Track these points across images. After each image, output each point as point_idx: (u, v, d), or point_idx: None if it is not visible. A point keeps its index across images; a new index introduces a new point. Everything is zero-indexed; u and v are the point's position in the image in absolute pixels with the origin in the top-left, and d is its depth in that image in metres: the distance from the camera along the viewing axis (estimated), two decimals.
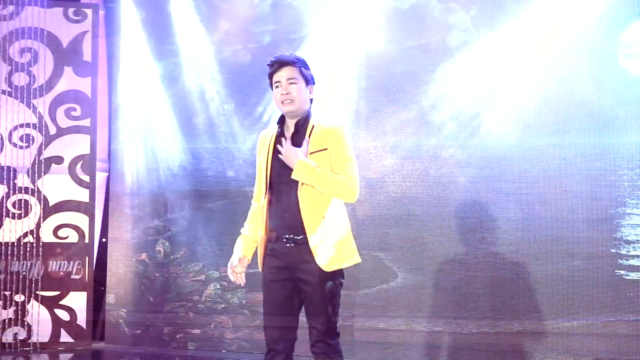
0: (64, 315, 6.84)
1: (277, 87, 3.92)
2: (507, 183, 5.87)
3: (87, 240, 6.90)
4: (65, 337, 6.83)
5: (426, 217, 6.07)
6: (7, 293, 6.74)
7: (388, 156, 6.22)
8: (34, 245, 6.80)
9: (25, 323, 6.75)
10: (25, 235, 6.81)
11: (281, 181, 3.90)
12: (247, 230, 4.13)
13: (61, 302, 6.83)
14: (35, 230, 6.83)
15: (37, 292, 6.78)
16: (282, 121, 3.99)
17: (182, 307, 6.84)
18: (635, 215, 5.54)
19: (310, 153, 3.84)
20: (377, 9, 6.26)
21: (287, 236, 3.86)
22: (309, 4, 6.53)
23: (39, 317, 6.75)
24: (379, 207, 6.18)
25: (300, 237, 3.82)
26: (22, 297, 6.75)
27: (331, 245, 3.83)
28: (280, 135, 3.97)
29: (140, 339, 6.94)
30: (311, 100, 3.99)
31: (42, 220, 6.84)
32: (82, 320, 6.85)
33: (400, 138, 6.19)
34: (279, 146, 3.90)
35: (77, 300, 6.85)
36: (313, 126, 3.91)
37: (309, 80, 3.96)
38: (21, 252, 6.77)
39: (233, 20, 6.81)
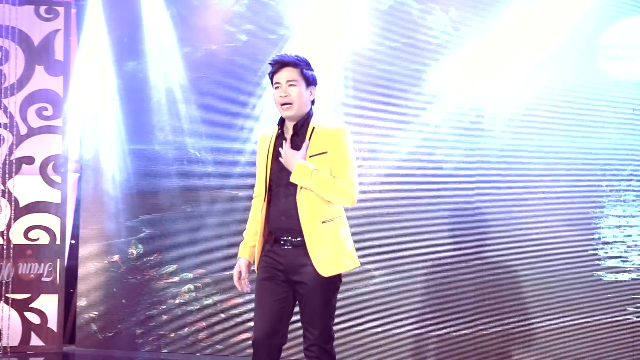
0: (34, 318, 6.72)
1: (277, 88, 3.87)
2: (485, 184, 5.90)
3: (58, 242, 6.79)
4: (35, 341, 6.71)
5: (404, 219, 6.08)
6: None
7: (365, 157, 6.20)
8: (4, 247, 6.66)
9: None
10: None
11: (280, 183, 3.87)
12: (247, 233, 4.07)
13: (32, 305, 6.71)
14: (5, 232, 6.69)
15: (7, 295, 6.64)
16: (282, 122, 3.95)
17: (155, 310, 6.76)
18: (612, 217, 5.60)
19: (310, 156, 3.80)
20: (356, 9, 6.26)
21: (284, 238, 3.83)
22: (287, 3, 6.51)
23: (9, 321, 6.61)
24: (357, 208, 6.11)
25: (298, 239, 3.79)
26: None
27: (329, 250, 3.79)
28: (280, 136, 3.93)
29: (112, 342, 6.83)
30: (312, 101, 3.94)
31: (12, 221, 6.72)
32: (53, 323, 6.74)
33: (377, 139, 6.19)
34: (280, 149, 3.86)
35: (48, 303, 6.74)
36: (314, 128, 3.86)
37: (310, 82, 3.90)
38: None
39: (207, 20, 6.75)
